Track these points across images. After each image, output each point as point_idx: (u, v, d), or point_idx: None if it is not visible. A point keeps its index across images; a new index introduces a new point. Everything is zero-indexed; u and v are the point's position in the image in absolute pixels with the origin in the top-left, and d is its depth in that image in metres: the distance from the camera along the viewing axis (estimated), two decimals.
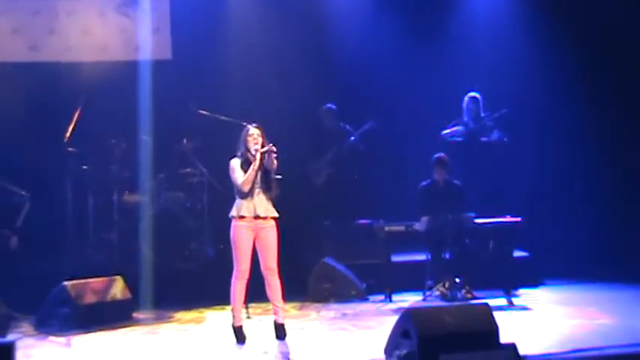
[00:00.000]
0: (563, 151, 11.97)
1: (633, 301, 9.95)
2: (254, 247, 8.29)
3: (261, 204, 8.27)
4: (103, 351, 8.22)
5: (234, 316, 8.37)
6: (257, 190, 8.28)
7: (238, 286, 8.27)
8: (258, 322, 9.15)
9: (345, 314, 9.61)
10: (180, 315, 9.65)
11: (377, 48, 12.05)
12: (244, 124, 9.37)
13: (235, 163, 8.33)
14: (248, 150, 8.30)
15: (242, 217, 8.24)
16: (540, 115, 11.99)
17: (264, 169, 8.29)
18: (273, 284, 8.32)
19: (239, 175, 8.26)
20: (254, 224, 8.25)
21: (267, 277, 8.30)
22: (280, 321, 8.39)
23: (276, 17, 11.99)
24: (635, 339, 8.00)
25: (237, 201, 8.31)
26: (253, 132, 8.31)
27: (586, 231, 11.53)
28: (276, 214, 8.36)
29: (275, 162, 8.26)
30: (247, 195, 8.24)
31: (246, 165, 8.27)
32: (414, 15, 12.07)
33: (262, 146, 8.25)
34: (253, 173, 8.22)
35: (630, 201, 11.61)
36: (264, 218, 8.29)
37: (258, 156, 8.21)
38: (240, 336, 8.32)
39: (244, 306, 8.72)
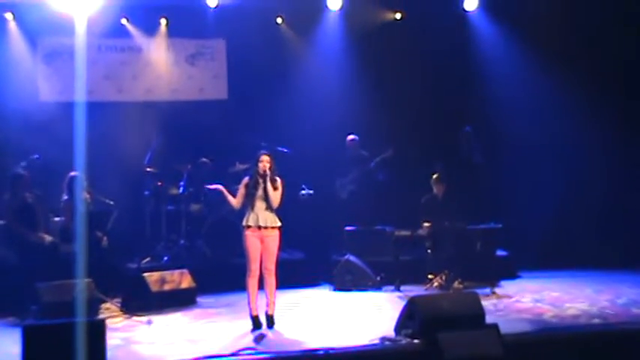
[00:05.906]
0: (537, 169, 11.83)
1: (594, 287, 9.96)
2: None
3: (263, 215, 8.02)
4: (177, 327, 8.34)
5: (250, 308, 8.09)
6: (259, 204, 8.04)
7: (251, 283, 8.00)
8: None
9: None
10: (228, 300, 9.52)
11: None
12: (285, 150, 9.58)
13: (243, 182, 8.18)
14: (257, 172, 8.09)
15: (249, 226, 8.01)
16: (519, 138, 11.81)
17: (264, 188, 8.04)
18: (270, 282, 8.07)
19: (239, 194, 8.13)
20: (259, 233, 8.01)
21: (265, 275, 8.06)
22: (270, 312, 8.10)
23: (309, 65, 12.09)
24: (591, 320, 8.09)
25: (246, 213, 8.09)
26: (263, 158, 8.12)
27: (553, 235, 11.47)
28: (278, 224, 8.10)
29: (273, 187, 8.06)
30: (248, 207, 8.04)
31: (252, 184, 8.07)
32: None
33: (270, 169, 8.03)
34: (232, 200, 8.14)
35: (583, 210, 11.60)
36: (266, 228, 8.04)
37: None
38: (256, 323, 8.04)
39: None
